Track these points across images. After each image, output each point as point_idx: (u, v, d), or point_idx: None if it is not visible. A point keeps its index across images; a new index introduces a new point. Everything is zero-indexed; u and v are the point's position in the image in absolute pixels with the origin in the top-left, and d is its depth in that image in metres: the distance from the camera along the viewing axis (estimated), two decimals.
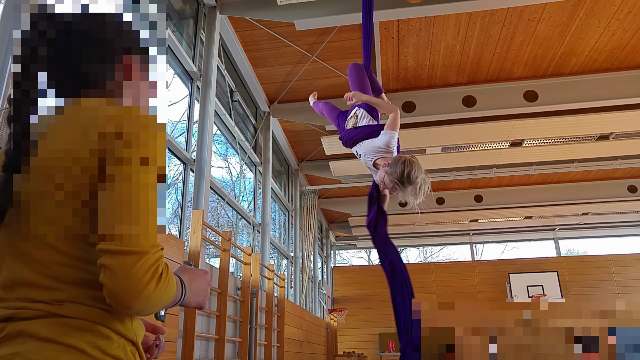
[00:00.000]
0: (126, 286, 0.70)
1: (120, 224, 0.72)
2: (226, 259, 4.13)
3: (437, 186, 10.12)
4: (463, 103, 6.52)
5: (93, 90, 0.85)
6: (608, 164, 8.26)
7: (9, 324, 0.75)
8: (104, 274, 0.71)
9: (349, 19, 4.90)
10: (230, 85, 5.91)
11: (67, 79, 0.84)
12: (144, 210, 0.73)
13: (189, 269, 0.92)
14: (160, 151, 0.77)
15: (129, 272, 0.70)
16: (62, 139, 0.77)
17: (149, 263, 0.72)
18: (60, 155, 0.76)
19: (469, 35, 5.66)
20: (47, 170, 0.76)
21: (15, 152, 0.80)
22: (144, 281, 0.70)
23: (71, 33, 0.84)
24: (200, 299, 0.90)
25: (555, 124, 6.86)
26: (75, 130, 0.77)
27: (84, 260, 0.75)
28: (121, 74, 0.87)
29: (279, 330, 5.97)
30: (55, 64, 0.83)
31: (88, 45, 0.85)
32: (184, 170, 4.60)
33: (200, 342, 3.74)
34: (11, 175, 0.81)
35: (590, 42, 5.79)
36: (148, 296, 0.71)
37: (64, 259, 0.75)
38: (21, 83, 0.82)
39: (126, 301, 0.71)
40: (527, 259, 12.44)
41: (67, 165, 0.75)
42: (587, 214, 11.13)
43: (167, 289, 0.75)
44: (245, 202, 6.69)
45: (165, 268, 0.75)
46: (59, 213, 0.75)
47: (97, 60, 0.85)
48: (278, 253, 8.30)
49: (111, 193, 0.73)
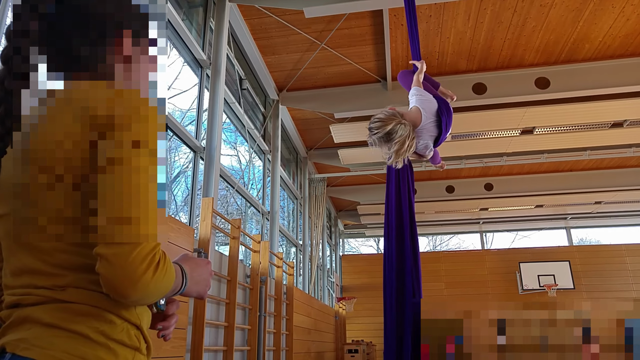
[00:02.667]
0: (122, 275, 0.68)
1: (115, 212, 0.70)
2: (235, 246, 4.17)
3: (447, 174, 10.07)
4: (473, 90, 6.45)
5: (84, 72, 0.82)
6: (622, 152, 8.14)
7: (15, 310, 0.76)
8: (100, 264, 0.70)
9: (358, 6, 4.86)
10: (239, 74, 5.90)
11: (58, 56, 0.81)
12: (142, 199, 0.71)
13: (191, 258, 0.89)
14: (157, 137, 0.75)
15: (125, 260, 0.68)
16: (54, 126, 0.75)
17: (146, 251, 0.70)
18: (52, 144, 0.74)
19: (479, 22, 5.58)
20: (40, 159, 0.74)
21: (1, 134, 0.79)
22: (140, 269, 0.69)
23: (64, 5, 0.80)
24: (201, 288, 0.87)
25: (567, 112, 6.77)
26: (67, 117, 0.75)
27: (83, 246, 0.74)
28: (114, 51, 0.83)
29: (287, 318, 6.04)
30: (46, 40, 0.80)
31: (81, 19, 0.81)
32: (193, 158, 4.63)
33: (209, 329, 3.80)
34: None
35: (604, 28, 5.67)
36: (145, 285, 0.69)
37: (63, 246, 0.75)
38: (10, 59, 0.80)
39: (123, 290, 0.69)
40: (538, 248, 12.35)
41: (59, 152, 0.73)
42: (600, 203, 10.99)
43: (165, 278, 0.73)
44: (254, 190, 6.72)
45: (162, 256, 0.73)
46: (55, 201, 0.74)
47: (91, 37, 0.81)
48: (287, 241, 8.35)
49: (105, 181, 0.71)
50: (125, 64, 0.84)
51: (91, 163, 0.73)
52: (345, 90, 6.82)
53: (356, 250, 14.89)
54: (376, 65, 6.43)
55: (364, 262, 12.80)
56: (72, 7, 0.80)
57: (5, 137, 0.79)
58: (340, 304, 10.81)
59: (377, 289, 12.22)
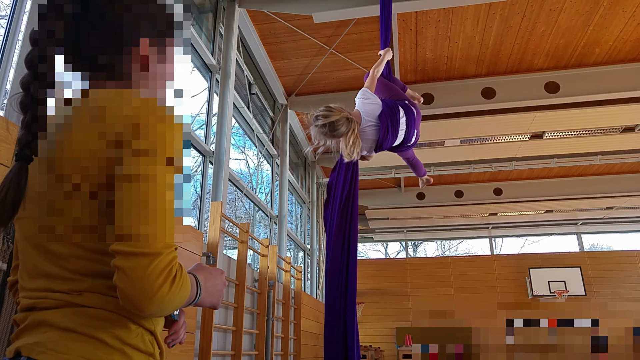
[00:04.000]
0: (139, 288, 0.68)
1: (133, 224, 0.70)
2: (244, 250, 4.18)
3: (456, 179, 10.02)
4: (482, 95, 6.43)
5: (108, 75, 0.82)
6: (634, 157, 8.05)
7: (31, 314, 0.76)
8: (117, 276, 0.69)
9: (367, 11, 4.87)
10: (248, 78, 5.94)
11: (81, 60, 0.81)
12: (159, 210, 0.71)
13: (205, 268, 0.89)
14: (177, 146, 0.74)
15: (142, 274, 0.68)
16: (76, 134, 0.75)
17: (163, 264, 0.70)
18: (75, 153, 0.74)
19: (488, 26, 5.56)
20: (62, 164, 0.74)
21: (28, 140, 0.79)
22: (157, 283, 0.69)
23: (89, 8, 0.80)
24: (214, 299, 0.87)
25: (577, 116, 6.71)
26: (89, 126, 0.75)
27: (100, 253, 0.75)
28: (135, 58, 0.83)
29: (295, 322, 6.03)
30: (70, 45, 0.80)
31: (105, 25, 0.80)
32: (202, 162, 4.66)
33: (217, 333, 3.81)
34: (25, 164, 0.80)
35: (615, 32, 5.62)
36: (162, 298, 0.69)
37: (81, 252, 0.75)
38: (36, 65, 0.80)
39: (139, 304, 0.69)
40: (548, 254, 12.21)
41: (81, 161, 0.73)
42: (611, 208, 10.86)
43: (181, 291, 0.72)
44: (262, 194, 6.74)
45: (179, 269, 0.73)
46: (74, 209, 0.74)
47: (114, 42, 0.81)
48: (295, 245, 8.35)
49: (124, 191, 0.71)
50: (145, 71, 0.84)
51: (109, 173, 0.72)
52: (354, 94, 6.80)
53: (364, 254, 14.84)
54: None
55: (372, 267, 12.75)
56: (96, 13, 0.80)
57: (31, 144, 0.79)
58: None
59: (385, 294, 12.16)
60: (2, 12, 2.78)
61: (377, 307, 11.81)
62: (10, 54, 2.60)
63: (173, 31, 0.86)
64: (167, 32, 0.86)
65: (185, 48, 0.88)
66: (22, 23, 2.69)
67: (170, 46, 0.86)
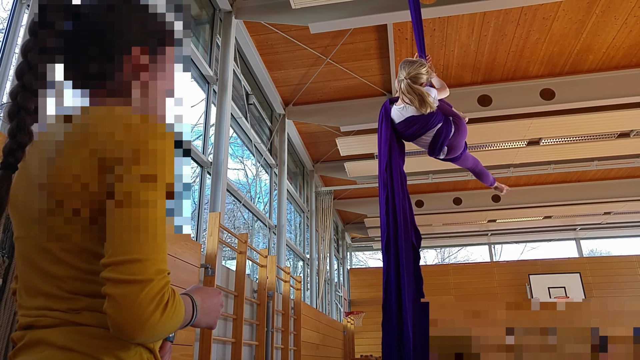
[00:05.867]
0: (130, 317, 0.67)
1: (124, 250, 0.69)
2: (242, 261, 4.17)
3: (454, 186, 10.04)
4: (478, 102, 6.47)
5: (101, 89, 0.82)
6: (630, 162, 8.08)
7: (28, 332, 0.75)
8: (108, 303, 0.68)
9: (363, 21, 4.92)
10: (246, 89, 5.97)
11: (74, 72, 0.80)
12: (150, 235, 0.70)
13: (202, 289, 0.88)
14: (169, 167, 0.73)
15: (133, 302, 0.67)
16: (69, 154, 0.74)
17: (154, 291, 0.68)
18: (67, 172, 0.73)
19: (483, 35, 5.62)
20: (55, 186, 0.74)
21: (12, 149, 0.79)
22: (148, 311, 0.67)
23: (80, 21, 0.79)
24: (211, 319, 0.87)
25: (573, 122, 6.75)
26: (82, 146, 0.73)
27: (96, 274, 0.73)
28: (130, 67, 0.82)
29: (295, 333, 5.99)
30: (62, 56, 0.79)
31: (97, 35, 0.80)
32: (200, 173, 4.66)
33: (217, 345, 3.78)
34: (9, 172, 0.79)
35: (608, 39, 5.68)
36: (153, 326, 0.68)
37: (77, 274, 0.75)
38: (25, 74, 0.80)
39: (130, 332, 0.67)
40: (547, 260, 12.22)
41: (74, 181, 0.73)
42: (609, 213, 10.89)
43: (174, 317, 0.71)
44: (261, 204, 6.74)
45: (171, 295, 0.71)
46: (68, 230, 0.73)
47: (107, 53, 0.80)
48: (294, 255, 8.33)
49: (115, 216, 0.70)
50: (140, 80, 0.84)
51: (106, 197, 0.72)
52: (351, 103, 6.87)
53: (364, 263, 14.81)
54: (381, 79, 6.48)
55: (372, 276, 12.72)
56: (89, 23, 0.80)
57: (16, 152, 0.79)
58: (348, 318, 10.71)
59: None
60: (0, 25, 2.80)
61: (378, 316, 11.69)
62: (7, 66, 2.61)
63: (166, 40, 0.85)
64: (161, 40, 0.84)
65: (185, 65, 0.87)
66: (18, 36, 2.70)
67: (162, 55, 0.85)
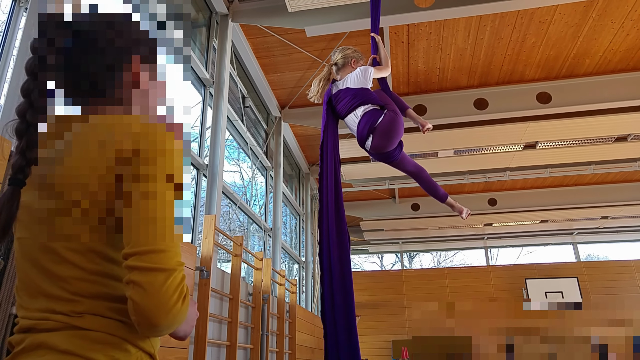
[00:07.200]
0: (156, 303, 0.70)
1: (150, 240, 0.72)
2: (238, 264, 4.15)
3: (450, 189, 10.03)
4: (475, 106, 6.47)
5: (103, 99, 0.84)
6: (627, 166, 8.10)
7: (29, 335, 0.75)
8: (134, 290, 0.70)
9: (359, 24, 4.91)
10: (242, 92, 5.96)
11: (75, 85, 0.83)
12: (169, 227, 0.73)
13: None
14: (178, 167, 0.77)
15: (159, 289, 0.70)
16: (78, 156, 0.76)
17: (177, 281, 0.72)
18: (76, 172, 0.75)
19: (479, 38, 5.63)
20: (63, 187, 0.75)
21: (22, 165, 0.80)
22: (173, 299, 0.71)
23: (80, 38, 0.83)
24: (188, 328, 0.88)
25: (569, 126, 6.76)
26: (91, 148, 0.76)
27: (101, 275, 0.76)
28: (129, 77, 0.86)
29: (290, 337, 5.96)
30: (63, 72, 0.82)
31: (98, 50, 0.83)
32: (196, 175, 4.64)
33: (211, 348, 3.76)
34: (17, 188, 0.81)
35: (604, 43, 5.70)
36: (175, 314, 0.71)
37: (82, 274, 0.76)
38: (31, 92, 0.82)
39: (155, 318, 0.70)
40: (544, 264, 12.21)
41: (83, 182, 0.75)
42: (606, 218, 10.89)
43: (186, 310, 0.75)
44: (256, 207, 6.72)
45: (186, 288, 0.75)
46: (76, 230, 0.75)
47: (107, 67, 0.84)
48: (289, 258, 8.30)
49: (136, 210, 0.73)
50: (139, 89, 0.87)
51: (117, 197, 0.74)
52: None
53: (359, 267, 14.78)
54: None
55: (367, 279, 12.69)
56: (88, 40, 0.83)
57: (25, 169, 0.81)
58: None
59: (381, 307, 12.08)
60: None
61: (373, 319, 11.72)
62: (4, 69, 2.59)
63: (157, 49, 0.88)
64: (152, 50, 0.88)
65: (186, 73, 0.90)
66: (16, 39, 2.69)
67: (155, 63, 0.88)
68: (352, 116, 2.92)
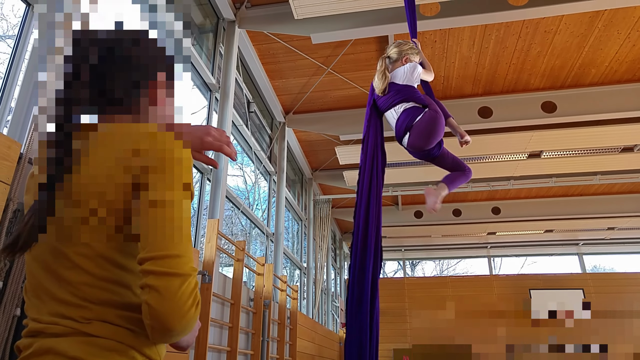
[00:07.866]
0: (172, 307, 0.71)
1: (166, 245, 0.73)
2: (239, 269, 4.14)
3: (454, 197, 10.00)
4: (479, 114, 6.47)
5: (119, 107, 0.86)
6: (634, 177, 8.04)
7: (37, 340, 0.76)
8: (150, 295, 0.71)
9: (364, 32, 4.94)
10: (247, 97, 5.99)
11: (100, 96, 0.85)
12: (186, 234, 0.75)
13: None
14: (188, 174, 0.79)
15: (175, 294, 0.71)
16: (95, 164, 0.78)
17: (192, 286, 0.74)
18: (93, 181, 0.76)
19: (484, 47, 5.63)
20: (80, 195, 0.76)
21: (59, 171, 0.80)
22: (188, 304, 0.72)
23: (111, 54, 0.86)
24: (190, 338, 0.88)
25: (575, 136, 6.74)
26: (108, 156, 0.78)
27: (110, 281, 0.77)
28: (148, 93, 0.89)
29: (291, 343, 5.94)
30: (95, 84, 0.85)
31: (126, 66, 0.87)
32: (200, 179, 4.66)
33: (212, 354, 3.75)
34: (52, 194, 0.80)
35: (610, 53, 5.69)
36: (189, 319, 0.72)
37: (92, 280, 0.76)
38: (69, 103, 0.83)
39: (170, 322, 0.71)
40: (549, 275, 12.07)
41: (100, 190, 0.76)
42: (613, 229, 10.79)
43: (197, 316, 0.76)
44: (259, 211, 6.72)
45: (199, 294, 0.77)
46: (91, 237, 0.76)
47: (133, 80, 0.87)
48: (291, 263, 8.29)
49: (153, 217, 0.74)
50: (157, 105, 0.90)
51: (133, 205, 0.76)
52: (351, 113, 6.87)
53: None
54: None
55: None
56: (121, 56, 0.87)
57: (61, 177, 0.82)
58: (344, 329, 10.59)
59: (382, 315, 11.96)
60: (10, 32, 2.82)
61: None
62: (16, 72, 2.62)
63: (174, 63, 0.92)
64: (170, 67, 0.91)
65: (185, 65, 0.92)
66: (29, 42, 2.72)
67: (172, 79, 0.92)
68: (392, 112, 2.90)
